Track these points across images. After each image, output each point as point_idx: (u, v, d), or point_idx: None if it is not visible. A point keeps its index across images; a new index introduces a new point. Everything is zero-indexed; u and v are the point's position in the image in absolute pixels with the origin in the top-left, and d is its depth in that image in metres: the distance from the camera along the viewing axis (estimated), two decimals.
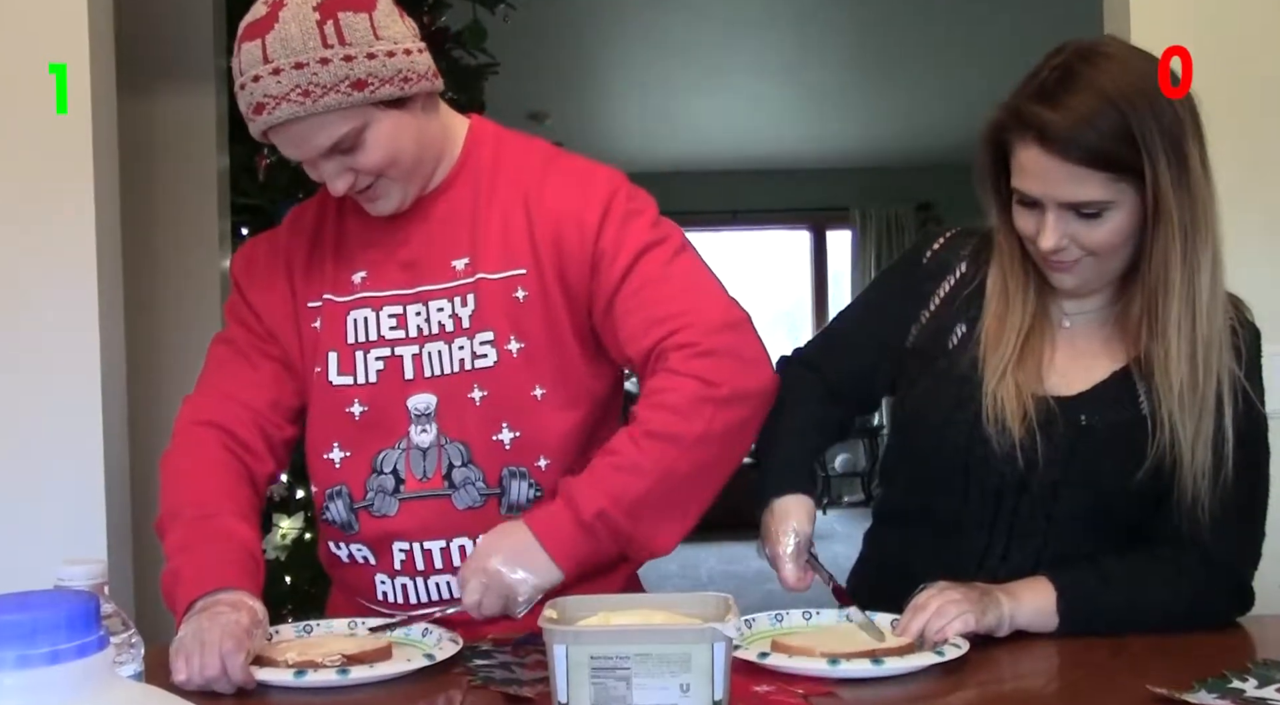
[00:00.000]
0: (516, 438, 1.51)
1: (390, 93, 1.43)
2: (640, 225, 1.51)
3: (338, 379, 1.55)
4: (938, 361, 1.57)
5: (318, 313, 1.58)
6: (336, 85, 1.39)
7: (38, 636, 0.58)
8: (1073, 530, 1.51)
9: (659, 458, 1.43)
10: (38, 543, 2.15)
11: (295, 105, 1.39)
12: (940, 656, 1.32)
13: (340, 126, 1.42)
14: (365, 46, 1.41)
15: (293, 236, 1.62)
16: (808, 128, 7.93)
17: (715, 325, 1.48)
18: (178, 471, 1.55)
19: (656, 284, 1.49)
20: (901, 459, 1.66)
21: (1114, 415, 1.49)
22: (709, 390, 1.44)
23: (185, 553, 1.44)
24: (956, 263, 1.61)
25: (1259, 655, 1.36)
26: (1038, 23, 5.73)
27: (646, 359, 1.48)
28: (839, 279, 9.36)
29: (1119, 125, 1.37)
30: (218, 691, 1.28)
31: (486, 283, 1.51)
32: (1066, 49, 1.43)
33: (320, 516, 1.60)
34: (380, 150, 1.45)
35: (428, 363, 1.53)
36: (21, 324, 2.23)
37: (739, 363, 1.48)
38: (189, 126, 3.21)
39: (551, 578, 1.42)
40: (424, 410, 1.53)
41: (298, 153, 1.45)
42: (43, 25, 2.20)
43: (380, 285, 1.55)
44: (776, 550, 1.51)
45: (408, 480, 1.54)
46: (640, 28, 6.27)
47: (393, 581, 1.57)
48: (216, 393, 1.59)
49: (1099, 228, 1.42)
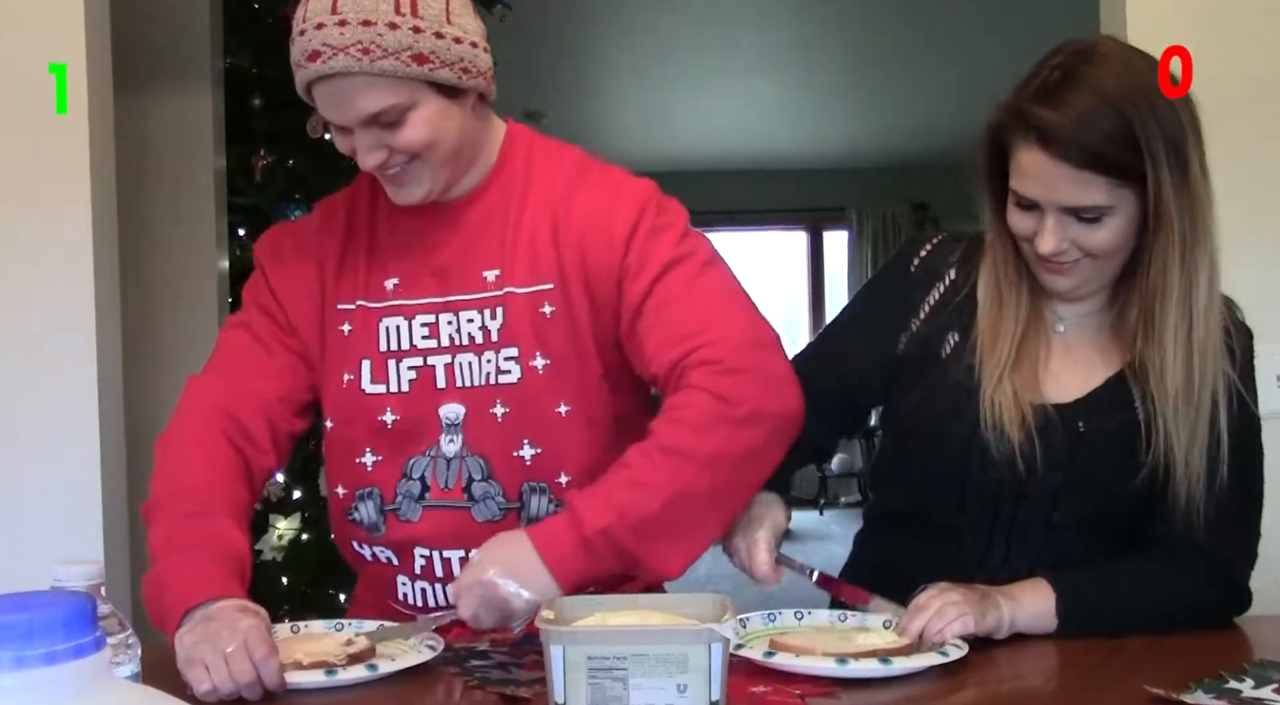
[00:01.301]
0: (538, 454, 1.49)
1: (447, 77, 1.41)
2: (667, 240, 1.48)
3: (371, 387, 1.52)
4: (931, 369, 1.55)
5: (348, 317, 1.55)
6: (398, 52, 1.37)
7: (34, 637, 0.58)
8: (1071, 535, 1.50)
9: (672, 475, 1.38)
10: (34, 544, 2.15)
11: (351, 59, 1.36)
12: (945, 657, 1.33)
13: (388, 96, 1.39)
14: (436, 25, 1.39)
15: (324, 234, 1.58)
16: (804, 128, 7.93)
17: (740, 343, 1.44)
18: (176, 457, 1.50)
19: (681, 300, 1.46)
20: (895, 466, 1.65)
21: (1111, 421, 1.49)
22: (727, 409, 1.40)
23: (174, 555, 1.39)
24: (945, 269, 1.60)
25: (1255, 655, 1.37)
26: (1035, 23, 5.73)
27: (670, 375, 1.45)
28: (835, 279, 9.37)
29: (1121, 127, 1.36)
30: (247, 699, 1.25)
31: (514, 297, 1.49)
32: (1065, 49, 1.43)
33: (345, 516, 1.58)
34: (422, 132, 1.41)
35: (459, 373, 1.51)
36: (18, 324, 2.22)
37: (762, 383, 1.44)
38: (186, 127, 3.21)
39: (549, 594, 1.35)
40: (454, 420, 1.51)
41: (338, 114, 1.42)
42: (40, 25, 2.20)
43: (413, 293, 1.53)
44: (752, 537, 1.50)
45: (432, 488, 1.52)
46: (637, 28, 6.27)
47: (413, 584, 1.56)
48: (227, 378, 1.55)
49: (1098, 231, 1.41)
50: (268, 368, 1.55)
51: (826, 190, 8.94)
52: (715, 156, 8.34)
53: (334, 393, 1.56)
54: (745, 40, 6.42)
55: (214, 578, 1.36)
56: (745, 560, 1.52)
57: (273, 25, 3.44)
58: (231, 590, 1.35)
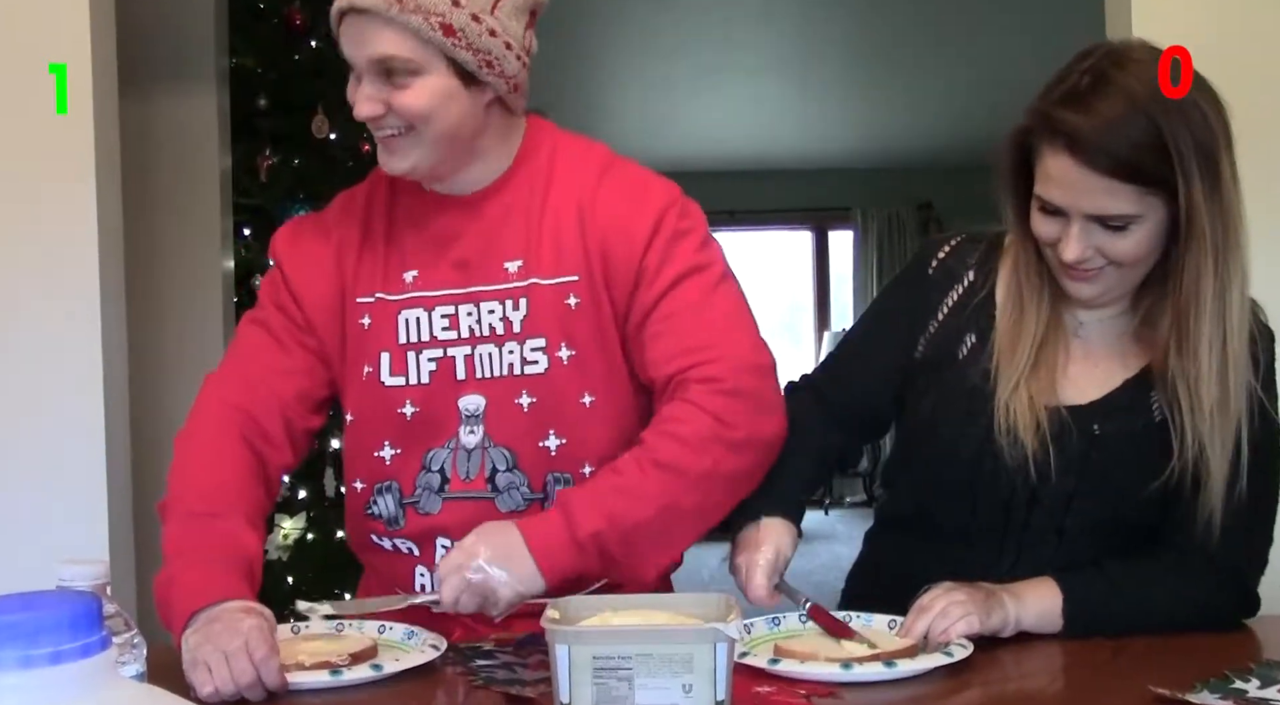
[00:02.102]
0: (563, 445, 1.50)
1: (468, 61, 1.42)
2: (687, 247, 1.50)
3: (390, 380, 1.53)
4: (946, 373, 1.54)
5: (367, 309, 1.55)
6: (429, 13, 1.38)
7: (40, 637, 0.58)
8: (1082, 541, 1.49)
9: (663, 489, 1.42)
10: (39, 543, 2.16)
11: (383, 1, 1.38)
12: (950, 657, 1.32)
13: (402, 47, 1.39)
14: (476, 8, 1.41)
15: (343, 226, 1.58)
16: (809, 127, 7.93)
17: (743, 365, 1.47)
18: (193, 456, 1.51)
19: (693, 311, 1.48)
20: (908, 467, 1.64)
21: (1127, 423, 1.47)
22: (723, 430, 1.43)
23: (185, 556, 1.40)
24: (964, 271, 1.58)
25: (1262, 655, 1.36)
26: (1039, 23, 5.73)
27: (668, 384, 1.47)
28: (840, 279, 9.36)
29: (1151, 135, 1.33)
30: (249, 699, 1.25)
31: (539, 288, 1.50)
32: (1095, 52, 1.39)
33: (365, 510, 1.58)
34: (422, 101, 1.42)
35: (479, 364, 1.51)
36: (24, 324, 2.23)
37: (757, 408, 1.47)
38: (191, 127, 3.21)
39: (534, 587, 1.39)
40: (473, 411, 1.52)
41: (354, 50, 1.43)
42: (44, 25, 2.20)
43: (432, 284, 1.53)
44: (754, 557, 1.49)
45: (453, 480, 1.53)
46: (640, 27, 6.27)
47: (431, 574, 1.55)
48: (244, 376, 1.56)
49: (1124, 239, 1.38)
50: (284, 366, 1.56)
51: (831, 190, 8.93)
52: (719, 156, 8.34)
53: (354, 386, 1.56)
54: (749, 40, 6.42)
55: (221, 579, 1.37)
56: (743, 581, 1.51)
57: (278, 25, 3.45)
58: (238, 592, 1.36)
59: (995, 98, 1.45)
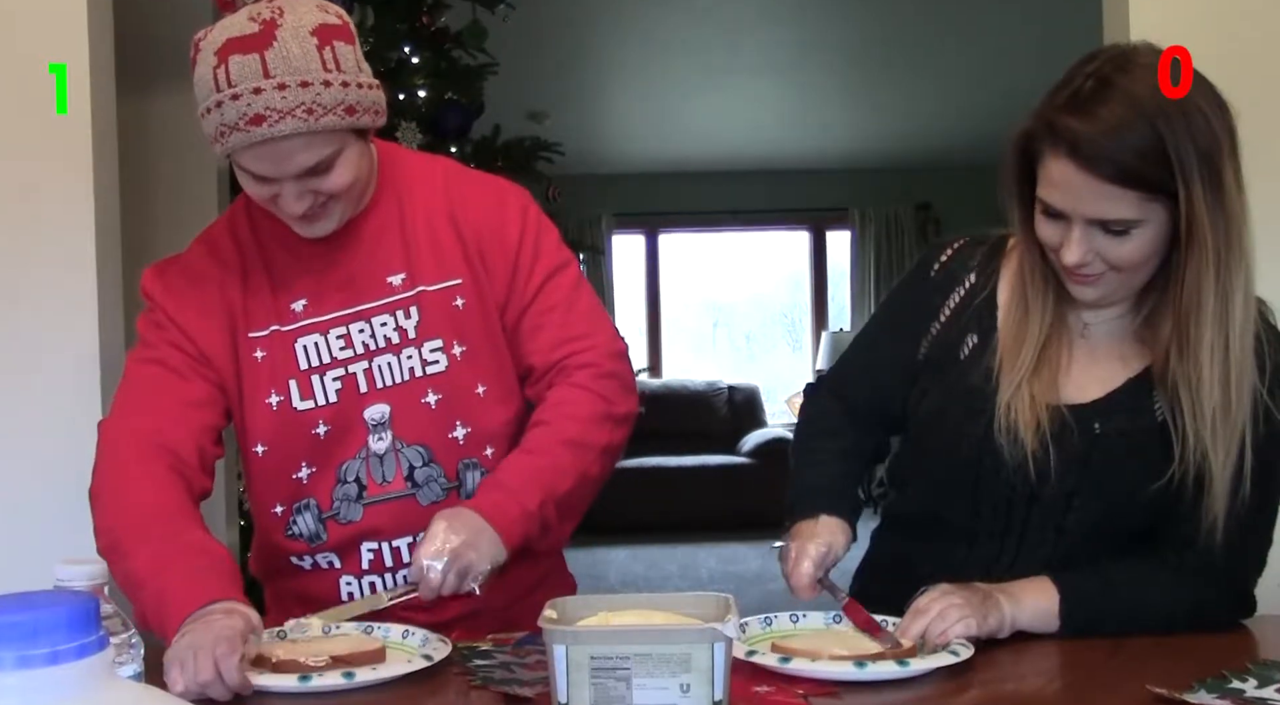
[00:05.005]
0: (469, 433, 1.61)
1: (368, 122, 1.50)
2: (551, 243, 1.66)
3: (301, 405, 1.59)
4: (948, 372, 1.55)
5: (260, 343, 1.59)
6: (334, 108, 1.44)
7: (38, 637, 0.58)
8: (1082, 540, 1.49)
9: (575, 462, 1.58)
10: (36, 543, 2.15)
11: (299, 121, 1.42)
12: (957, 656, 1.33)
13: (324, 148, 1.46)
14: (354, 75, 1.48)
15: (217, 268, 1.61)
16: (807, 128, 7.92)
17: (611, 351, 1.66)
18: (128, 489, 1.50)
19: (566, 305, 1.64)
20: (911, 467, 1.65)
21: (1128, 423, 1.47)
22: (609, 407, 1.62)
23: (165, 573, 1.40)
24: (965, 273, 1.59)
25: (1259, 655, 1.37)
26: (1037, 23, 5.74)
27: (549, 370, 1.63)
28: (838, 279, 9.35)
29: (1153, 141, 1.32)
30: (213, 698, 1.25)
31: (428, 294, 1.60)
32: (1101, 56, 1.39)
33: (284, 533, 1.62)
34: (348, 174, 1.50)
35: (379, 375, 1.60)
36: (21, 323, 2.23)
37: (626, 387, 1.66)
38: (188, 126, 3.19)
39: (500, 558, 1.50)
40: (379, 419, 1.60)
41: (275, 170, 1.46)
42: (42, 25, 2.20)
43: (322, 309, 1.60)
44: (805, 547, 1.51)
45: (369, 486, 1.61)
46: (640, 28, 6.27)
47: (359, 580, 1.62)
48: (153, 410, 1.56)
49: (1125, 244, 1.38)
50: (190, 398, 1.57)
51: (829, 190, 8.92)
52: (718, 157, 8.33)
53: (262, 417, 1.59)
54: (749, 41, 6.42)
55: (207, 584, 1.39)
56: (789, 567, 1.52)
57: None
58: (226, 594, 1.38)
59: (993, 99, 1.46)
